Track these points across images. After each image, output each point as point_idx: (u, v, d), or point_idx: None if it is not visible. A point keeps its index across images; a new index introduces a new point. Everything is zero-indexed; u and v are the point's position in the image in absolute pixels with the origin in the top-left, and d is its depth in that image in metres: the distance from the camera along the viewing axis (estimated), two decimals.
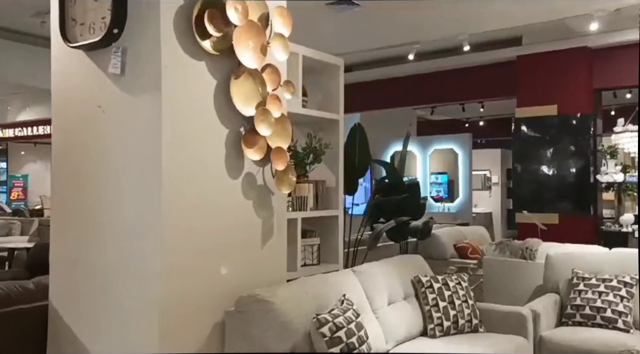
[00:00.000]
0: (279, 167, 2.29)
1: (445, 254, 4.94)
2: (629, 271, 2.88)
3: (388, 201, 3.98)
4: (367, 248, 3.87)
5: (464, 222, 7.67)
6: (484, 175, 11.26)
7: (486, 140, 11.04)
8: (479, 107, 8.58)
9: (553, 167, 5.93)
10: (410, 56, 6.06)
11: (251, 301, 2.02)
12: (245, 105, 2.19)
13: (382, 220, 4.09)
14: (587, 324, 2.80)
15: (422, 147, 8.58)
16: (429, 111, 9.13)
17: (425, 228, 4.45)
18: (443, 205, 8.34)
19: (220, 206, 2.14)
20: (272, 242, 2.37)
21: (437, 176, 8.46)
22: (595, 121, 5.84)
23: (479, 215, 10.19)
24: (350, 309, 2.14)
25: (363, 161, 3.77)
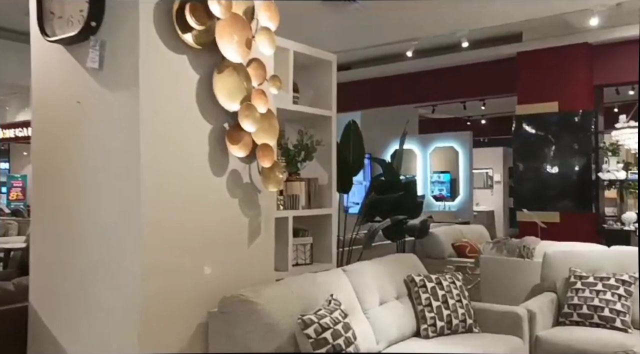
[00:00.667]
0: (265, 164, 2.23)
1: (444, 253, 4.88)
2: (627, 269, 2.81)
3: (384, 200, 3.92)
4: (362, 247, 3.81)
5: (464, 221, 7.61)
6: (486, 173, 11.19)
7: (489, 138, 10.96)
8: (480, 105, 8.50)
9: (554, 165, 5.85)
10: (409, 53, 6.00)
11: (235, 301, 1.97)
12: (229, 100, 2.14)
13: (379, 219, 4.04)
14: (584, 324, 2.73)
15: (423, 146, 8.52)
16: (431, 109, 9.06)
17: (422, 227, 4.40)
18: (444, 204, 8.27)
19: (204, 204, 2.09)
20: (259, 241, 2.32)
21: (439, 174, 8.40)
22: (597, 118, 5.76)
23: (480, 214, 10.11)
24: (337, 310, 2.09)
25: (357, 159, 3.72)
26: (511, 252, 3.52)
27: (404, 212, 4.12)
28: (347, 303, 2.36)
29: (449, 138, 8.36)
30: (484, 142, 10.99)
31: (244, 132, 2.17)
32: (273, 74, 2.32)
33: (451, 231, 5.15)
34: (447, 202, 8.28)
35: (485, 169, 11.15)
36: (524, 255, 3.44)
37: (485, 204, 10.86)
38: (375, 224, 3.96)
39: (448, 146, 8.30)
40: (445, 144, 8.34)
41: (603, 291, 2.73)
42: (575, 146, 5.73)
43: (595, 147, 5.68)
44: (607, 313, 2.68)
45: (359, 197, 4.69)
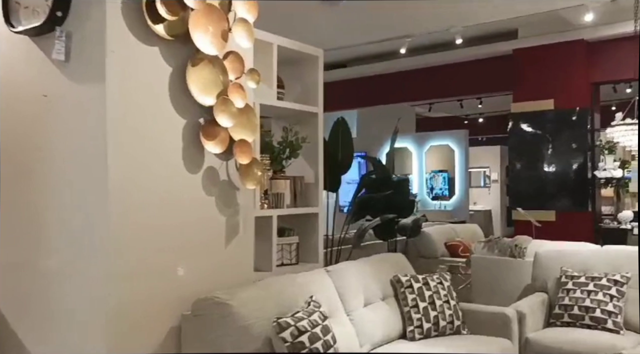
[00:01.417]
0: (242, 160, 2.16)
1: (436, 253, 4.80)
2: (619, 269, 2.73)
3: (373, 198, 3.85)
4: (351, 247, 3.74)
5: (460, 220, 7.52)
6: (483, 172, 11.10)
7: (486, 137, 10.88)
8: (477, 103, 8.43)
9: (550, 164, 5.78)
10: (402, 50, 5.92)
11: (208, 304, 1.89)
12: (205, 94, 2.06)
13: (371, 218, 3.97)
14: (575, 325, 2.66)
15: (418, 144, 8.44)
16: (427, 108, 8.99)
17: (414, 226, 4.31)
18: (440, 203, 8.19)
19: (178, 203, 2.01)
20: (237, 241, 2.24)
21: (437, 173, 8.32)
22: (593, 116, 5.68)
23: (477, 213, 10.02)
24: (316, 312, 2.01)
25: (346, 157, 3.64)
26: (503, 251, 3.45)
27: (395, 211, 4.04)
28: (329, 304, 2.29)
29: (444, 137, 8.27)
30: (482, 141, 10.91)
31: (220, 127, 2.09)
32: (251, 68, 2.24)
33: (444, 230, 5.07)
34: (443, 201, 8.20)
35: (483, 167, 11.07)
36: (516, 254, 3.36)
37: (482, 203, 10.78)
38: (366, 223, 3.88)
39: (443, 144, 8.21)
40: (440, 142, 8.26)
41: (595, 292, 2.65)
42: (571, 144, 5.66)
43: (591, 146, 5.60)
44: (599, 314, 2.60)
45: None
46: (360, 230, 3.74)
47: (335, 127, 3.64)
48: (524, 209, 5.04)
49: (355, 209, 3.70)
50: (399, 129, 4.35)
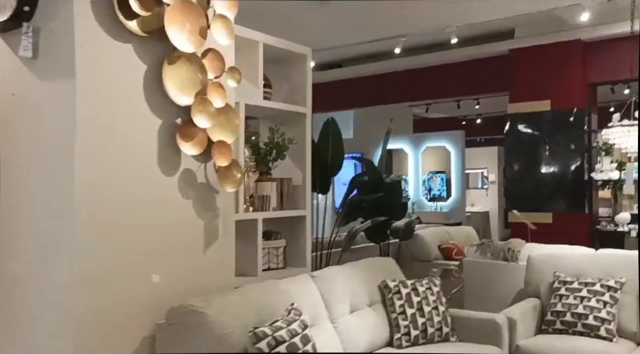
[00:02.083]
0: (221, 162, 2.08)
1: (429, 256, 4.72)
2: (613, 274, 2.66)
3: (364, 200, 3.77)
4: (341, 250, 3.66)
5: (457, 221, 7.45)
6: (481, 173, 11.03)
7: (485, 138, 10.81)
8: (475, 104, 8.36)
9: (546, 165, 5.71)
10: (397, 50, 5.85)
11: (182, 312, 1.81)
12: (182, 93, 1.98)
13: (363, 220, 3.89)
14: (568, 332, 2.58)
15: (414, 145, 8.36)
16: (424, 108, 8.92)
17: (407, 228, 4.24)
18: (436, 204, 8.11)
19: (152, 206, 1.93)
20: (216, 246, 2.16)
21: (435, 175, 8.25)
22: (590, 117, 5.61)
23: (475, 214, 9.95)
24: (297, 320, 1.93)
25: (336, 158, 3.56)
26: (495, 255, 3.37)
27: (387, 214, 3.97)
28: (312, 311, 2.21)
29: (440, 138, 8.20)
30: (480, 142, 10.85)
31: (197, 128, 2.01)
32: (232, 66, 2.17)
33: (438, 233, 4.99)
34: (439, 202, 8.12)
35: (481, 169, 11.00)
36: (509, 258, 3.29)
37: (480, 204, 10.72)
38: (357, 225, 3.81)
39: (440, 145, 8.13)
40: (436, 143, 8.18)
41: (588, 298, 2.58)
42: (568, 145, 5.59)
43: (588, 147, 5.53)
44: (592, 321, 2.52)
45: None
46: (351, 233, 3.66)
47: (325, 128, 3.56)
48: (520, 211, 4.97)
49: (345, 212, 3.62)
50: (392, 129, 4.27)
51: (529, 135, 5.79)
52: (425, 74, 6.82)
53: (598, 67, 5.56)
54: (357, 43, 5.81)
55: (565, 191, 5.55)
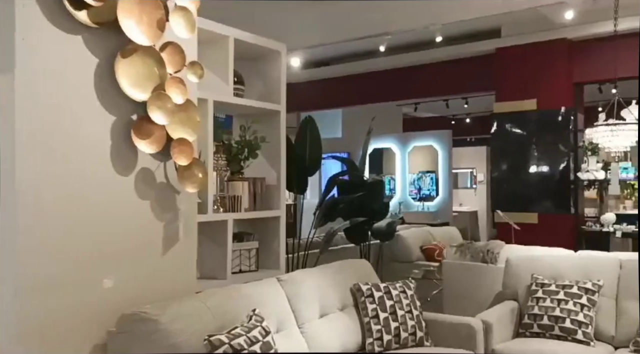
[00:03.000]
0: (180, 161, 1.98)
1: (411, 257, 4.65)
2: (591, 276, 2.60)
3: (342, 200, 3.69)
4: (319, 251, 3.57)
5: (443, 221, 7.39)
6: (470, 173, 11.00)
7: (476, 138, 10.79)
8: (463, 103, 8.32)
9: (532, 165, 5.67)
10: (382, 48, 5.78)
11: (134, 320, 1.72)
12: (138, 88, 1.88)
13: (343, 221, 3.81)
14: (545, 336, 2.52)
15: (402, 145, 8.30)
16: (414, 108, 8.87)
17: (388, 229, 4.16)
18: (422, 204, 8.05)
19: (106, 208, 1.83)
20: (177, 249, 2.06)
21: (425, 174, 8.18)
22: (576, 116, 5.58)
23: (463, 214, 9.91)
24: (258, 327, 1.84)
25: (314, 158, 3.47)
26: (475, 257, 3.30)
27: (368, 214, 3.89)
28: (278, 317, 2.13)
29: (427, 137, 8.14)
30: (471, 141, 10.82)
31: (155, 125, 1.91)
32: (193, 60, 2.07)
33: (420, 234, 4.92)
34: (426, 202, 8.06)
35: (470, 168, 10.98)
36: (488, 260, 3.22)
37: (469, 204, 10.69)
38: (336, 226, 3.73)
39: (427, 145, 8.08)
40: (424, 142, 8.12)
41: (565, 300, 2.52)
42: (554, 145, 5.55)
43: (574, 147, 5.50)
44: (569, 324, 2.46)
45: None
46: (329, 234, 3.58)
47: (302, 127, 3.47)
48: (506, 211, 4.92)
49: (323, 212, 3.53)
50: (372, 128, 4.18)
51: (515, 134, 5.74)
52: (412, 73, 6.76)
53: (584, 66, 5.53)
54: (340, 41, 5.74)
55: (551, 191, 5.51)
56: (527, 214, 5.52)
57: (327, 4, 4.53)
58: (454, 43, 6.08)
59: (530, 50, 5.63)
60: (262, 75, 3.04)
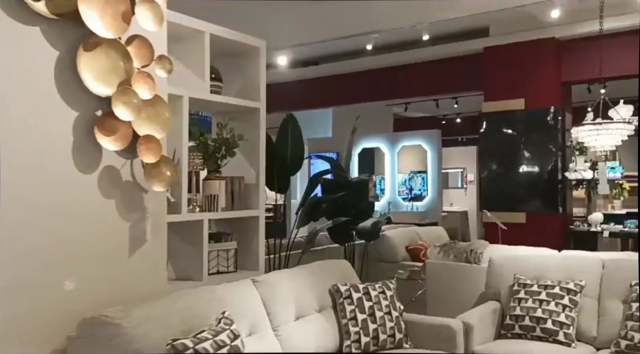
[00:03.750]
0: (147, 159, 1.91)
1: (396, 257, 4.60)
2: (574, 276, 2.56)
3: (324, 200, 3.63)
4: (301, 252, 3.51)
5: (432, 221, 7.35)
6: (461, 173, 10.99)
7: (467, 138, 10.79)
8: (453, 103, 8.30)
9: (520, 164, 5.66)
10: (369, 46, 5.75)
11: (94, 324, 1.64)
12: (102, 83, 1.81)
13: None
14: (526, 337, 2.48)
15: (391, 144, 8.26)
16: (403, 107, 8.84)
17: (374, 229, 4.11)
18: (412, 204, 8.02)
19: (66, 207, 1.76)
20: (144, 250, 1.99)
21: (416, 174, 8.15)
22: (564, 116, 5.57)
23: (453, 214, 9.90)
24: (226, 331, 1.78)
25: (296, 157, 3.41)
26: (458, 257, 3.26)
27: (353, 214, 3.84)
28: (252, 319, 2.06)
29: (417, 137, 8.11)
30: (462, 141, 10.81)
31: (120, 121, 1.84)
32: (161, 54, 2.00)
33: (406, 233, 4.87)
34: (415, 202, 8.03)
35: (460, 168, 10.97)
36: (471, 260, 3.18)
37: (459, 204, 10.69)
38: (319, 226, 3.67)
39: (416, 144, 8.04)
40: (413, 142, 8.09)
41: (547, 301, 2.47)
42: (542, 144, 5.54)
43: (562, 146, 5.49)
44: (550, 325, 2.42)
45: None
46: (312, 234, 3.52)
47: (284, 125, 3.41)
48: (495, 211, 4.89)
49: (305, 212, 3.47)
50: (357, 128, 4.13)
51: (503, 134, 5.72)
52: (401, 72, 6.73)
53: (572, 66, 5.52)
54: (327, 40, 5.69)
55: (539, 190, 5.49)
56: (515, 213, 5.50)
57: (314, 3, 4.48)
58: (442, 42, 6.06)
59: (518, 50, 5.62)
60: (242, 72, 2.98)
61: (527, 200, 5.53)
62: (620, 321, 2.37)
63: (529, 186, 5.55)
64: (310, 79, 7.31)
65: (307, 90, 7.48)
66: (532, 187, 5.53)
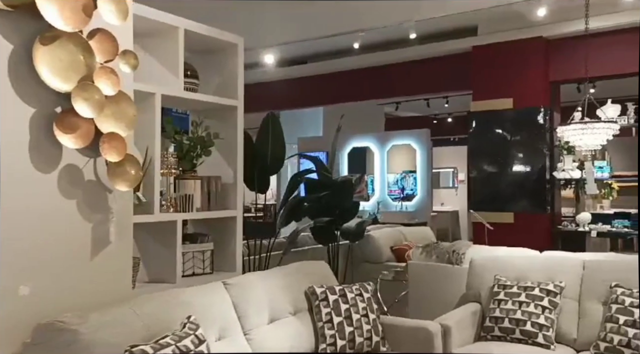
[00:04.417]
0: (111, 157, 1.84)
1: (381, 257, 4.56)
2: (554, 278, 2.52)
3: (306, 200, 3.58)
4: (282, 253, 3.46)
5: (422, 221, 7.32)
6: (452, 172, 10.98)
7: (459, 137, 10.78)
8: (444, 102, 8.27)
9: (509, 164, 5.63)
10: (355, 45, 5.69)
11: (50, 329, 1.58)
12: (60, 78, 1.74)
13: None
14: (506, 339, 2.43)
15: (381, 144, 8.22)
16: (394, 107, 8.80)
17: (358, 229, 4.06)
18: (401, 204, 7.98)
19: (23, 207, 1.68)
20: (108, 252, 1.92)
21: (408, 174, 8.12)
22: (552, 115, 5.55)
23: (444, 214, 9.88)
24: (190, 336, 1.71)
25: (277, 156, 3.35)
26: (440, 257, 3.21)
27: (337, 214, 3.78)
28: (222, 323, 2.00)
29: (406, 136, 8.07)
30: (454, 141, 10.79)
31: (81, 118, 1.77)
32: (126, 49, 1.93)
33: (392, 234, 4.83)
34: (404, 202, 7.99)
35: (451, 168, 10.96)
36: (453, 261, 3.13)
37: (450, 203, 10.68)
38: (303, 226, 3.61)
39: (405, 144, 8.00)
40: (402, 142, 8.05)
41: (526, 303, 2.43)
42: (530, 144, 5.51)
43: (550, 146, 5.46)
44: (529, 327, 2.38)
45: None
46: (292, 234, 3.46)
47: (264, 124, 3.35)
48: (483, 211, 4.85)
49: (286, 212, 3.41)
50: (341, 126, 4.08)
51: (491, 134, 5.69)
52: (390, 71, 6.68)
53: (560, 65, 5.50)
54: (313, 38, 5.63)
55: (527, 190, 5.47)
56: (504, 213, 5.47)
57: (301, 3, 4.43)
58: (431, 41, 6.02)
59: (506, 49, 5.59)
60: (219, 70, 2.91)
61: (515, 200, 5.51)
62: (600, 322, 2.33)
63: (517, 186, 5.52)
64: (300, 78, 7.26)
65: (296, 89, 7.42)
66: (520, 187, 5.51)
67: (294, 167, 8.04)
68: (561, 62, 5.50)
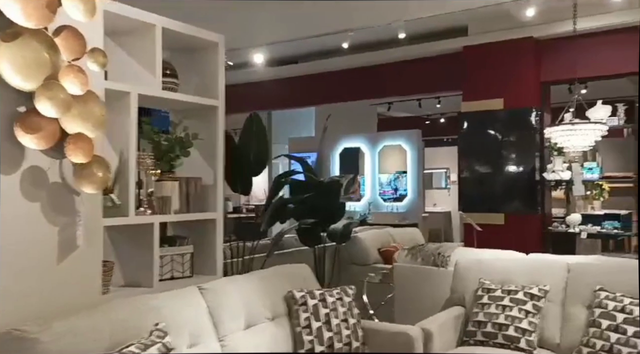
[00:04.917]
0: (76, 159, 1.78)
1: (368, 259, 4.50)
2: (539, 281, 2.48)
3: (289, 201, 3.51)
4: (265, 255, 3.39)
5: (412, 222, 7.28)
6: (444, 173, 10.96)
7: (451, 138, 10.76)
8: (436, 103, 8.23)
9: (499, 165, 5.60)
10: (345, 45, 5.64)
11: (7, 339, 1.51)
12: (22, 76, 1.67)
13: None
14: (488, 344, 2.39)
15: (372, 144, 8.18)
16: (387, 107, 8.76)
17: (345, 231, 4.01)
18: (392, 204, 7.94)
19: None
20: (76, 257, 1.85)
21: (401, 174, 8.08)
22: (542, 116, 5.52)
23: (436, 215, 9.85)
24: (157, 344, 1.65)
25: (260, 157, 3.29)
26: (426, 260, 3.17)
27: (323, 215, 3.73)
28: (195, 329, 1.94)
29: (397, 137, 8.03)
30: (447, 141, 10.78)
31: (44, 118, 1.71)
32: (94, 47, 1.87)
33: (379, 235, 4.78)
34: (395, 203, 7.95)
35: (444, 168, 10.94)
36: (439, 263, 3.09)
37: (443, 204, 10.66)
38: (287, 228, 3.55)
39: (396, 144, 7.97)
40: (393, 142, 8.01)
41: (510, 307, 2.39)
42: (521, 145, 5.49)
43: (540, 147, 5.44)
44: (512, 332, 2.33)
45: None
46: (276, 236, 3.40)
47: (247, 124, 3.28)
48: (474, 212, 4.81)
49: (270, 213, 3.35)
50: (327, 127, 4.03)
51: (481, 134, 5.66)
52: (381, 71, 6.63)
53: (551, 66, 5.47)
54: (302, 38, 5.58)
55: (518, 191, 5.44)
56: (494, 215, 5.44)
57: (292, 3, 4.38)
58: (422, 41, 5.99)
59: (497, 49, 5.56)
60: (200, 69, 2.85)
61: (506, 201, 5.48)
62: (583, 327, 2.29)
63: (508, 187, 5.49)
64: (291, 77, 7.20)
65: (287, 89, 7.36)
66: (510, 188, 5.48)
67: (285, 168, 7.99)
68: (551, 63, 5.48)
